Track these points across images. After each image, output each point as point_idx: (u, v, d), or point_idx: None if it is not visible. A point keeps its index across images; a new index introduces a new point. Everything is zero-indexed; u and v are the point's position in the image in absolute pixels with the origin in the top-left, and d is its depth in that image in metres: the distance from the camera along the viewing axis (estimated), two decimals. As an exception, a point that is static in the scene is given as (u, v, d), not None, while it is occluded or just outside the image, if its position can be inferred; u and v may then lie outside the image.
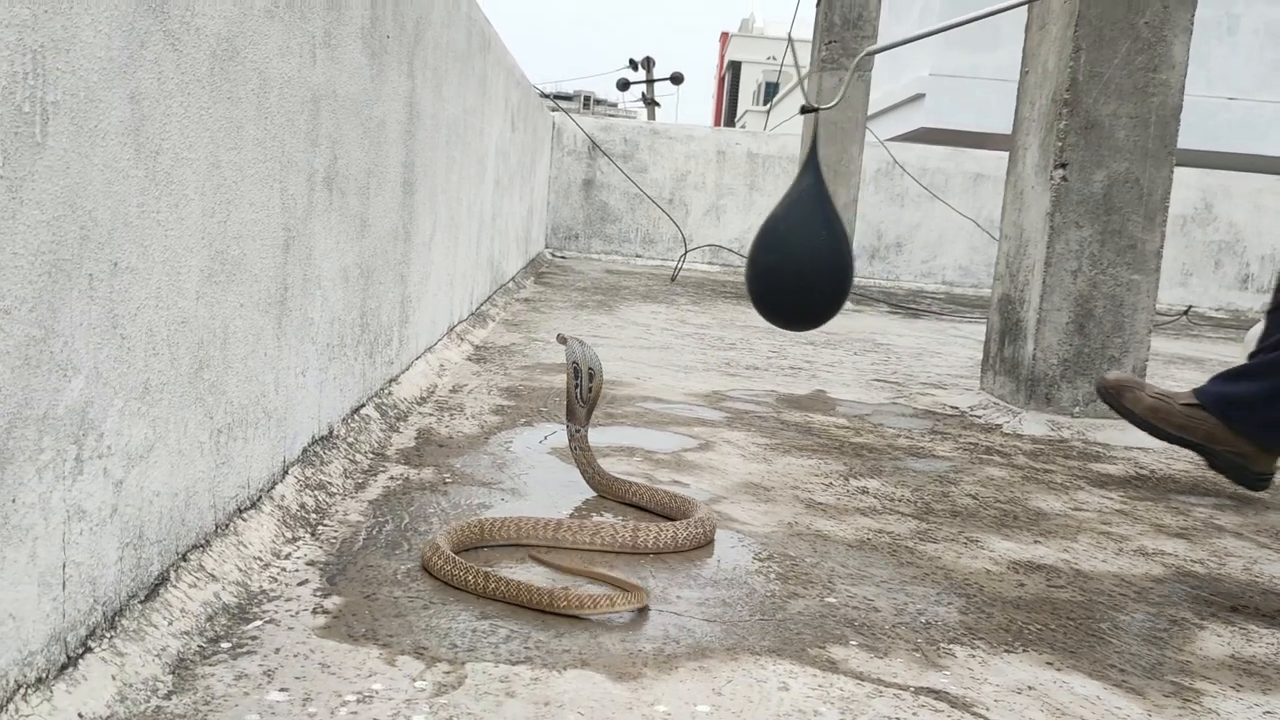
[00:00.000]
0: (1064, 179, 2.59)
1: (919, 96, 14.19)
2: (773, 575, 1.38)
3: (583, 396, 1.68)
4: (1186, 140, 2.85)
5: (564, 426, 2.20)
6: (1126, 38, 2.54)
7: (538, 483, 1.74)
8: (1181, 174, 2.90)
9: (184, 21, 1.00)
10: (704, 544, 1.48)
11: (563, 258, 8.85)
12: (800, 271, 1.64)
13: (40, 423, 0.79)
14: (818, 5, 6.25)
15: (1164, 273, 2.75)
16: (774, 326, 1.69)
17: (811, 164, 1.68)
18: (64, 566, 0.84)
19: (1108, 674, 1.15)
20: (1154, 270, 2.68)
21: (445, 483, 1.69)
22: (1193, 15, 2.59)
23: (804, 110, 1.87)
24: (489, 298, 4.21)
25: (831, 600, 1.30)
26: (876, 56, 6.20)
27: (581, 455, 1.69)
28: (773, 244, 1.65)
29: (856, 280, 8.37)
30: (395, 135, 2.04)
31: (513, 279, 5.37)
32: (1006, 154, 2.92)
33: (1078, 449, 2.49)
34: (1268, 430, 2.05)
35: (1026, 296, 2.71)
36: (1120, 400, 2.16)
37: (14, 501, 0.77)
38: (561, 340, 1.74)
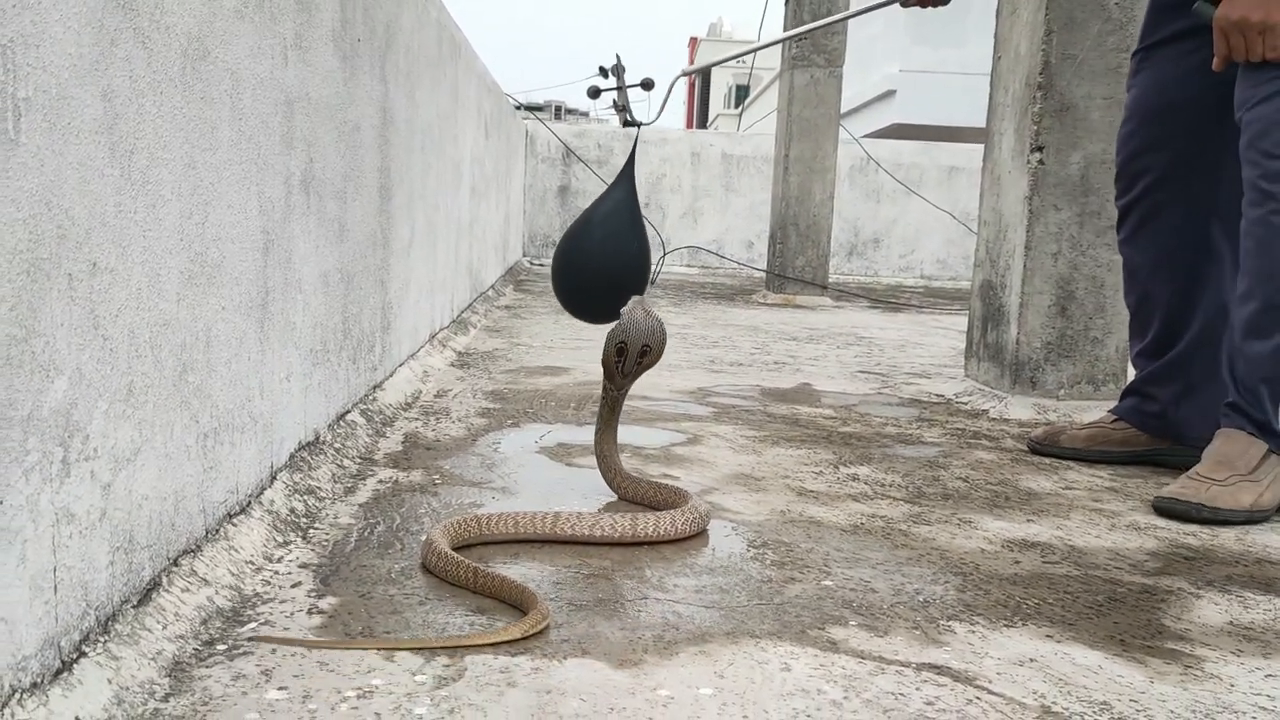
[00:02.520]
0: (1041, 162, 2.60)
1: (890, 93, 14.28)
2: (769, 561, 1.37)
3: (625, 369, 1.63)
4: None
5: (553, 427, 2.19)
6: (1097, 19, 2.56)
7: (528, 481, 1.73)
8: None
9: (153, 19, 0.99)
10: (701, 530, 1.47)
11: (541, 265, 8.83)
12: (612, 277, 1.73)
13: (25, 424, 0.78)
14: (786, 5, 6.27)
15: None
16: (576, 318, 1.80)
17: (626, 176, 1.73)
18: (55, 570, 0.83)
19: (1108, 645, 1.15)
20: (1132, 250, 2.69)
21: (435, 484, 1.67)
22: (1160, -4, 2.60)
23: (625, 124, 1.92)
24: (469, 305, 4.20)
25: (828, 583, 1.30)
26: (847, 54, 6.22)
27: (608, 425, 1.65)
28: (587, 250, 1.71)
29: (836, 277, 8.39)
30: (370, 140, 2.03)
31: (492, 286, 5.36)
32: (979, 147, 2.94)
33: (1064, 430, 2.49)
34: (1178, 428, 2.11)
35: (1008, 281, 2.72)
36: (1059, 444, 2.19)
37: (1, 504, 0.75)
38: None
